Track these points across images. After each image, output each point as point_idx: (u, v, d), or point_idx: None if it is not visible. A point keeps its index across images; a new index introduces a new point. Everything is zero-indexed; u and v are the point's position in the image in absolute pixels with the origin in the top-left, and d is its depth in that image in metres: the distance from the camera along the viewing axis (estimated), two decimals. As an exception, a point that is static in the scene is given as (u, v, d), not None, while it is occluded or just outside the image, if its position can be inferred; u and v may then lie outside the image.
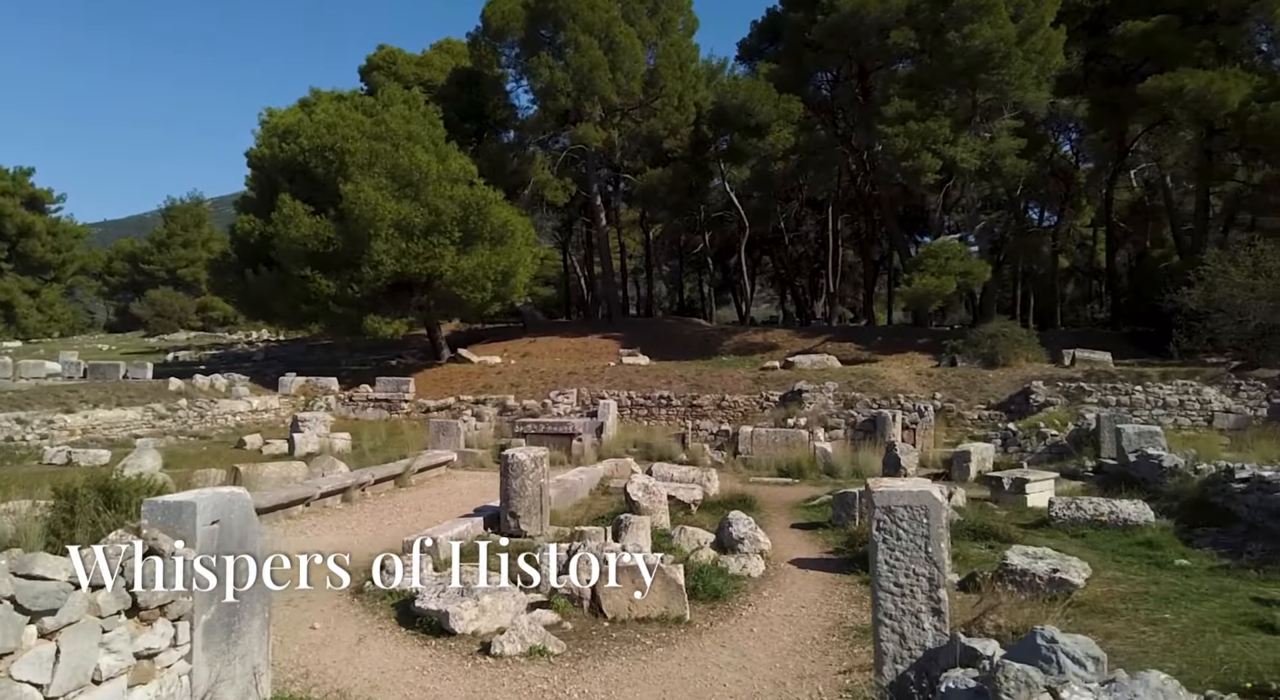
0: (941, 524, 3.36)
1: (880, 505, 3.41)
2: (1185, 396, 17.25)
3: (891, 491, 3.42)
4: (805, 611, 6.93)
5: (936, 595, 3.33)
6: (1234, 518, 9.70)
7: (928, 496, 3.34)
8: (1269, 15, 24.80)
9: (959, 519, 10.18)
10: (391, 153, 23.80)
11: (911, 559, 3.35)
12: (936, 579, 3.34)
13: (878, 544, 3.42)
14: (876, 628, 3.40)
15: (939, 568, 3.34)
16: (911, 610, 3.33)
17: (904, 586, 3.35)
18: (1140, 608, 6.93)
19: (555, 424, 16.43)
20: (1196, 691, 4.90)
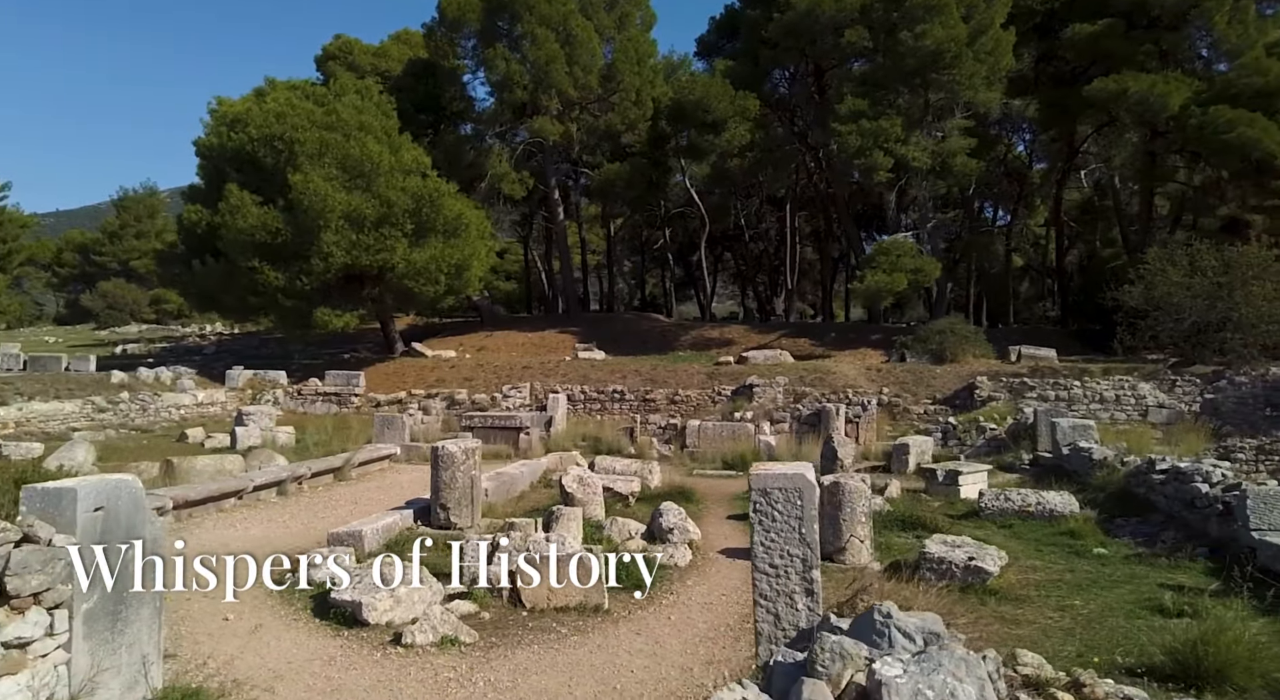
0: (815, 507, 3.40)
1: (757, 488, 3.45)
2: (1121, 392, 17.69)
3: (767, 475, 3.46)
4: (725, 599, 7.01)
5: (810, 576, 3.38)
6: (1154, 508, 9.99)
7: (801, 479, 3.39)
8: (1208, 22, 25.45)
9: (890, 509, 10.37)
10: (342, 143, 23.45)
11: (786, 541, 3.40)
12: (810, 560, 3.39)
13: (754, 527, 3.46)
14: (755, 609, 3.45)
15: (812, 549, 3.39)
16: (786, 591, 3.38)
17: (779, 568, 3.40)
18: (1052, 594, 7.11)
19: (502, 418, 16.36)
20: (1085, 667, 5.03)
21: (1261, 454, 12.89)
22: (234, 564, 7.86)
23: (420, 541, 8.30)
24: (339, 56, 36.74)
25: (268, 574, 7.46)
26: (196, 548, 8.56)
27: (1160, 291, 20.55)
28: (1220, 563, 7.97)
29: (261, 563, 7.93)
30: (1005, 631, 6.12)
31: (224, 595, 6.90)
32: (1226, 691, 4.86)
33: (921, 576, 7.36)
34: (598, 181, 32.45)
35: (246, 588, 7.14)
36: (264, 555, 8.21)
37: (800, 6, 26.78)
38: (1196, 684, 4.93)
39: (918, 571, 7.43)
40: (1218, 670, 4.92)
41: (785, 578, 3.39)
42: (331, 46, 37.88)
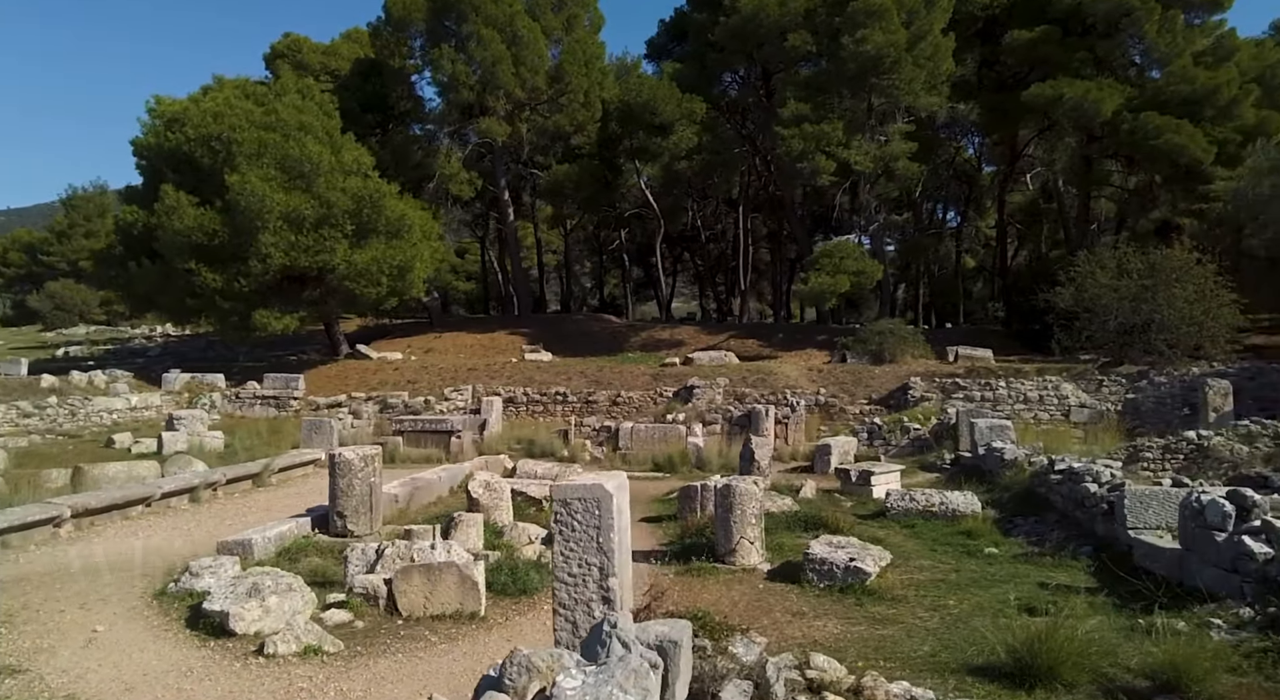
0: (613, 516, 3.48)
1: (557, 499, 3.52)
2: (1045, 392, 18.10)
3: (569, 485, 3.53)
4: (608, 604, 7.06)
5: (607, 584, 3.45)
6: (1052, 507, 10.26)
7: (599, 490, 3.46)
8: (1139, 30, 26.10)
9: (798, 510, 10.52)
10: (282, 143, 23.15)
11: (584, 549, 3.47)
12: (607, 568, 3.46)
13: (555, 536, 3.53)
14: (554, 617, 3.51)
15: (610, 558, 3.46)
16: (584, 599, 3.45)
17: (577, 576, 3.47)
18: (928, 594, 7.28)
19: (434, 421, 16.30)
20: (932, 669, 5.19)
21: (1168, 453, 13.25)
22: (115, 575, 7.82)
23: (311, 548, 8.30)
24: (287, 55, 36.26)
25: (148, 584, 7.44)
26: (86, 557, 8.48)
27: (1090, 293, 21.04)
28: (1102, 561, 8.25)
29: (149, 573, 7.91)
30: (868, 632, 6.26)
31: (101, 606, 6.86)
32: (1056, 688, 5.02)
33: (805, 577, 7.53)
34: (548, 182, 32.43)
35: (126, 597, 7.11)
36: (154, 565, 8.19)
37: (745, 10, 27.00)
38: (1030, 682, 5.10)
39: (801, 572, 7.59)
40: (1049, 668, 5.08)
41: (583, 586, 3.46)
42: (280, 45, 37.37)
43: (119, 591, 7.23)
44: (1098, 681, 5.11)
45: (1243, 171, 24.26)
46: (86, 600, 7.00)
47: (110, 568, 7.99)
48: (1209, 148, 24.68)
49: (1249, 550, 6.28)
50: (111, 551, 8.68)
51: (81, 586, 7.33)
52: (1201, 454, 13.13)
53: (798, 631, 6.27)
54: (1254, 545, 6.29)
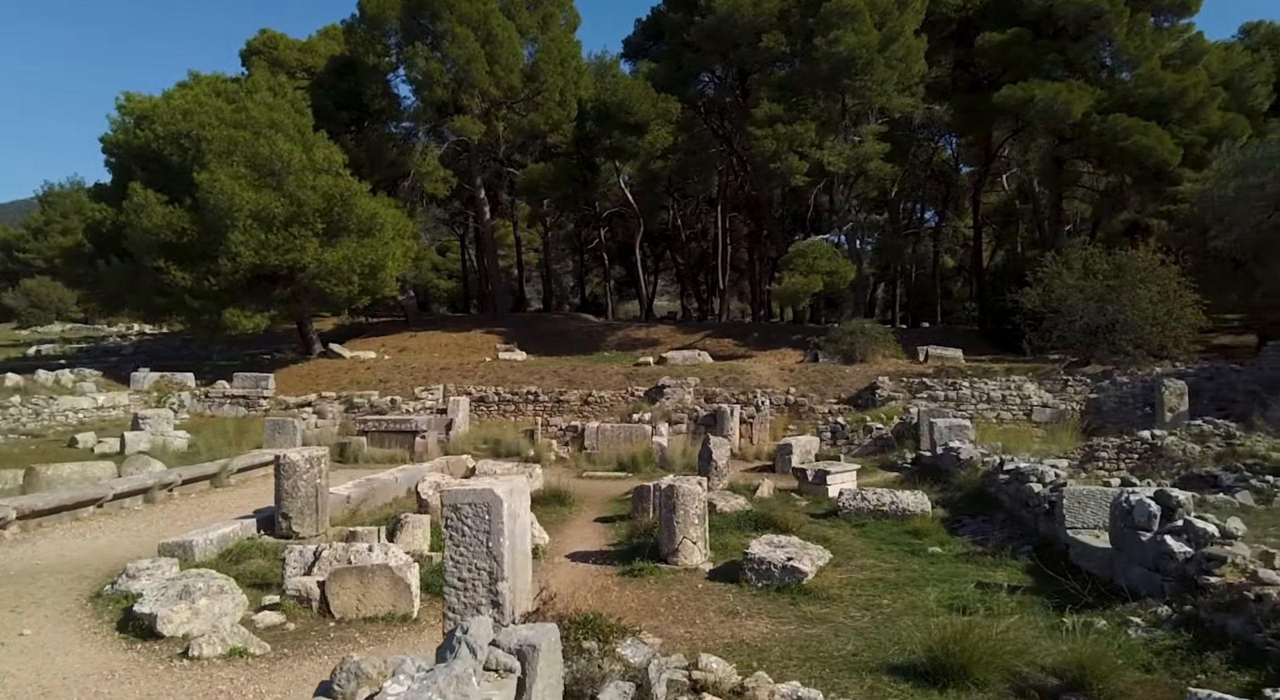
0: (503, 521, 3.51)
1: (448, 504, 3.55)
2: (1007, 392, 18.27)
3: (459, 490, 3.56)
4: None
5: (496, 588, 3.49)
6: (1000, 506, 10.37)
7: (489, 495, 3.50)
8: (1109, 32, 26.33)
9: (751, 510, 10.57)
10: (252, 141, 23.03)
11: (474, 555, 3.50)
12: (497, 573, 3.50)
13: (446, 541, 3.56)
14: (443, 622, 3.54)
15: (499, 562, 3.50)
16: (473, 603, 3.49)
17: (467, 581, 3.50)
18: (864, 594, 7.35)
19: (399, 421, 16.27)
20: (855, 668, 5.24)
21: (1123, 452, 13.40)
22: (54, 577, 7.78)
23: (255, 549, 8.29)
24: (263, 52, 35.95)
25: (86, 587, 7.42)
26: (28, 559, 8.43)
27: (1057, 294, 21.23)
28: (1041, 560, 8.36)
29: (89, 575, 7.88)
30: (797, 631, 6.32)
31: (34, 608, 6.83)
32: (969, 687, 5.10)
33: (744, 577, 7.60)
34: (524, 181, 32.42)
35: (62, 600, 7.08)
36: (95, 567, 8.16)
37: (720, 10, 27.07)
38: (944, 681, 5.18)
39: (740, 572, 7.66)
40: (962, 667, 5.16)
41: (473, 591, 3.49)
42: (256, 41, 37.05)
43: (54, 594, 7.20)
44: (1010, 680, 5.19)
45: (1209, 173, 24.51)
46: (19, 603, 6.96)
47: (50, 570, 7.95)
48: (1176, 150, 24.96)
49: (1170, 549, 6.39)
50: (54, 553, 8.63)
51: (17, 589, 7.29)
52: (1155, 453, 13.29)
53: (727, 631, 6.32)
54: (1174, 545, 6.40)
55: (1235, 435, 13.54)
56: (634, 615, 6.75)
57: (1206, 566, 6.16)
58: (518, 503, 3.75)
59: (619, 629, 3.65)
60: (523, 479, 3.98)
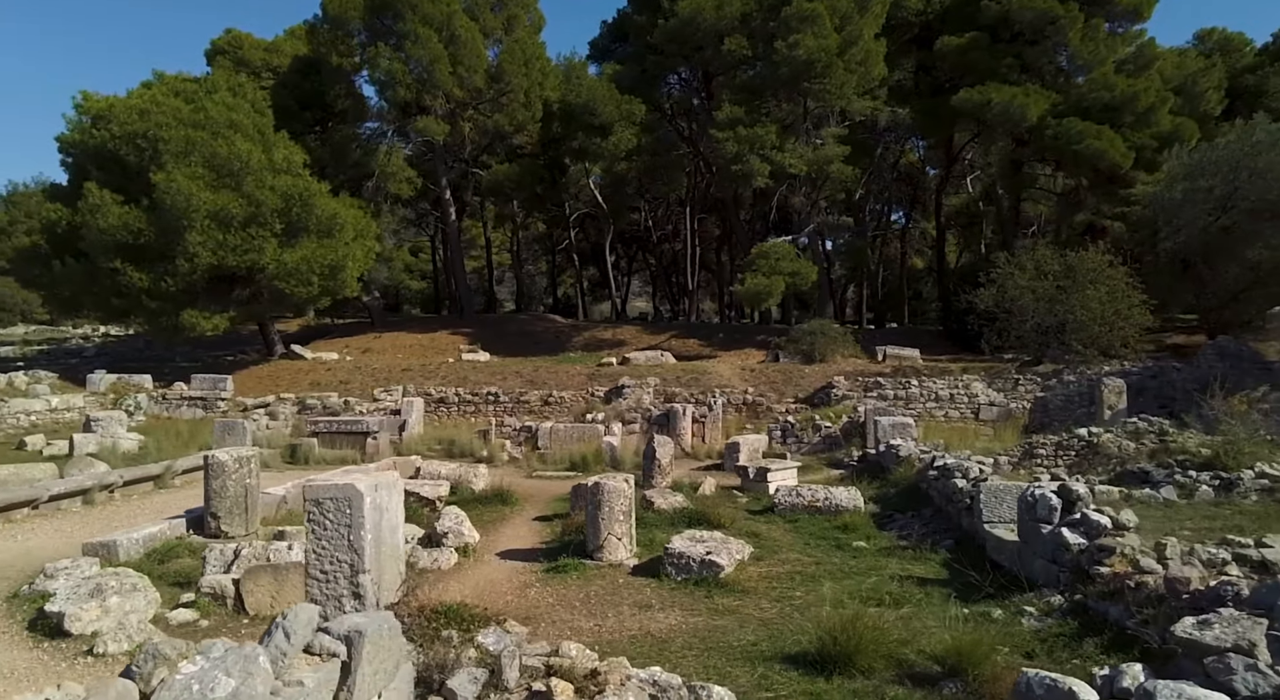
0: (364, 515, 3.61)
1: (310, 498, 3.64)
2: (955, 390, 18.57)
3: (321, 485, 3.66)
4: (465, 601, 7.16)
5: (357, 580, 3.59)
6: (930, 502, 10.58)
7: (350, 489, 3.59)
8: (1064, 37, 26.82)
9: (688, 507, 10.71)
10: (210, 141, 22.89)
11: (335, 547, 3.60)
12: (357, 565, 3.60)
13: (308, 534, 3.65)
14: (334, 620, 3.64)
15: (360, 555, 3.60)
16: (335, 595, 3.58)
17: (329, 573, 3.60)
18: (779, 587, 7.50)
19: (350, 422, 16.27)
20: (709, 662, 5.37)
21: (1060, 449, 13.69)
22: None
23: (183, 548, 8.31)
24: (228, 51, 35.73)
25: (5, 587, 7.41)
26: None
27: (1011, 294, 21.60)
28: (959, 553, 8.57)
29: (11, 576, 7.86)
30: (704, 623, 6.46)
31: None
32: (854, 674, 5.26)
33: (664, 571, 7.73)
34: (489, 181, 32.42)
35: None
36: (19, 568, 8.14)
37: (683, 13, 27.24)
38: (831, 669, 5.33)
39: (661, 567, 7.79)
40: (847, 655, 5.32)
41: (335, 583, 3.59)
42: (221, 41, 36.80)
43: (-31, 594, 7.19)
44: (896, 667, 5.36)
45: (1159, 176, 25.03)
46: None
47: (-28, 571, 7.93)
48: (1127, 153, 25.46)
49: (1066, 541, 6.60)
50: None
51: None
52: (1091, 450, 13.59)
53: (636, 624, 6.45)
54: (1070, 536, 6.60)
55: (1168, 432, 13.87)
56: (548, 610, 6.87)
57: (1098, 557, 6.38)
58: (386, 498, 3.85)
59: (482, 618, 3.77)
60: (394, 475, 4.08)
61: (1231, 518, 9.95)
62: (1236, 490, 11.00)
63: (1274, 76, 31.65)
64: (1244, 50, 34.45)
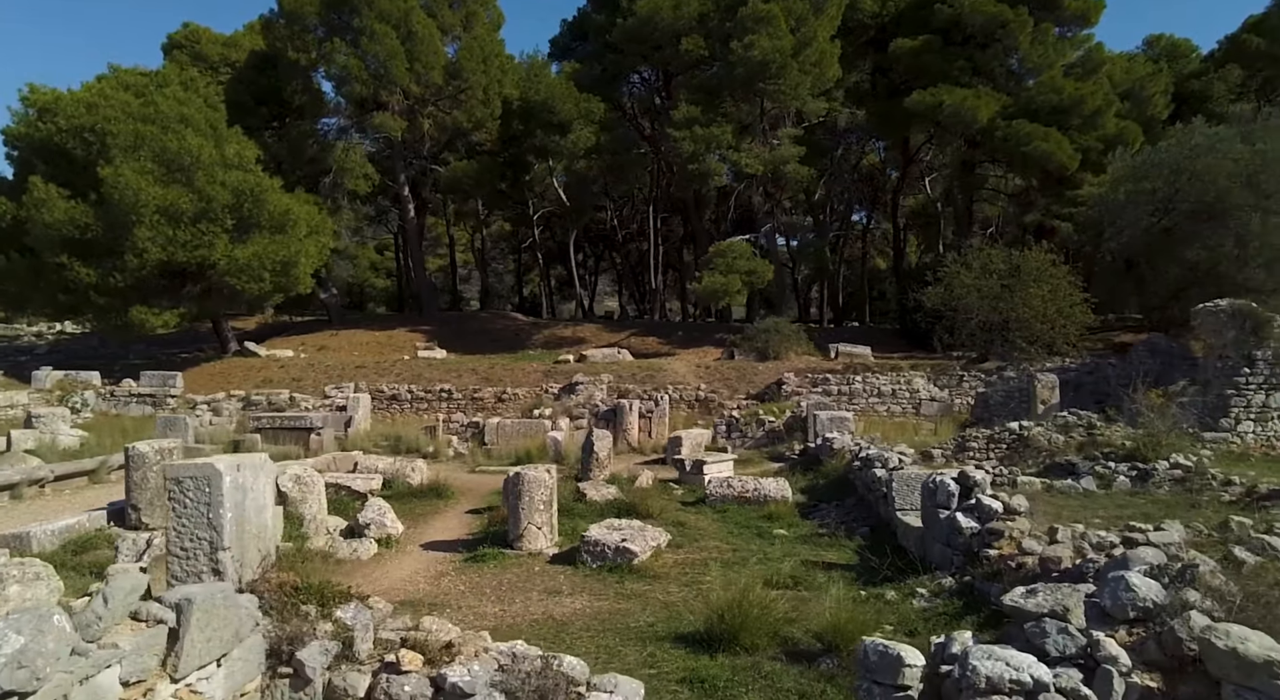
0: (223, 493, 3.70)
1: (170, 477, 3.73)
2: (898, 386, 18.92)
3: (182, 465, 3.74)
4: (377, 589, 7.20)
5: (216, 558, 3.68)
6: (855, 492, 10.82)
7: (210, 469, 3.68)
8: (1014, 41, 27.36)
9: (619, 499, 10.85)
10: (160, 136, 22.65)
11: (195, 525, 3.69)
12: (216, 543, 3.69)
13: (170, 513, 3.74)
14: (168, 590, 3.72)
15: (219, 533, 3.69)
16: (195, 571, 3.67)
17: (189, 550, 3.69)
18: (690, 572, 7.67)
19: (294, 418, 16.22)
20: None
21: (992, 443, 14.03)
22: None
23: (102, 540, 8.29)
24: (185, 45, 35.29)
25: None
26: None
27: (957, 293, 22.02)
28: (873, 540, 8.81)
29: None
30: (610, 607, 6.61)
31: None
32: (738, 652, 5.44)
33: (581, 559, 7.87)
34: (447, 178, 32.34)
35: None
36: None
37: (641, 13, 27.40)
38: (716, 647, 5.51)
39: (578, 554, 7.93)
40: (732, 633, 5.50)
41: (194, 559, 3.68)
42: (178, 35, 36.30)
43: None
44: (780, 645, 5.55)
45: (1105, 178, 25.62)
46: None
47: (-118, 564, 7.84)
48: (1074, 155, 26.04)
49: (959, 525, 6.84)
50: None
51: None
52: (1022, 444, 13.93)
53: (540, 609, 6.58)
54: (963, 521, 6.84)
55: (1096, 426, 14.26)
56: (458, 597, 6.99)
57: (987, 540, 6.62)
58: (250, 478, 3.94)
59: (344, 595, 3.87)
60: (262, 456, 4.17)
61: (1143, 506, 10.31)
62: (1152, 480, 11.39)
63: (1218, 82, 32.47)
64: (1190, 57, 35.36)
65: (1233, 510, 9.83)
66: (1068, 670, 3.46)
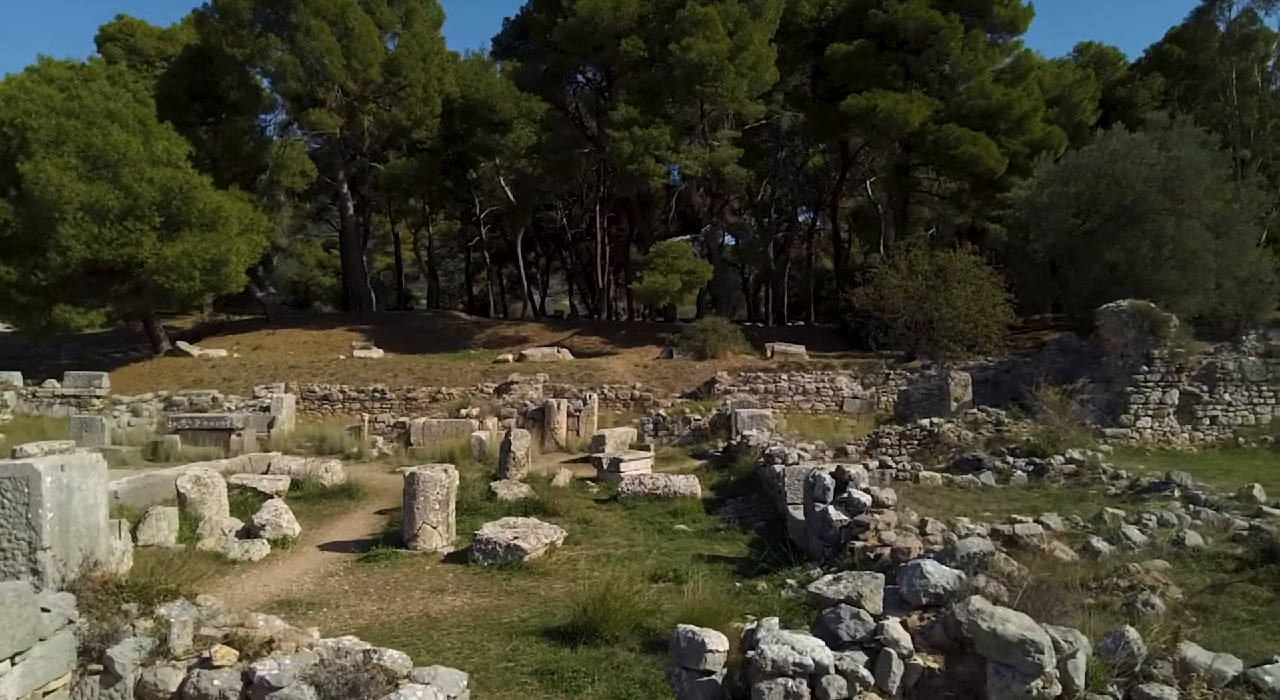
0: (42, 494, 3.75)
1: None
2: (822, 384, 19.34)
3: (2, 464, 3.78)
4: (260, 590, 7.24)
5: (35, 557, 3.73)
6: (760, 487, 11.08)
7: (29, 469, 3.73)
8: (946, 47, 28.04)
9: (530, 497, 10.96)
10: (84, 131, 22.15)
11: (14, 525, 3.73)
12: (35, 543, 3.74)
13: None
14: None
15: (39, 533, 3.73)
16: (13, 571, 3.71)
17: (7, 550, 3.73)
18: (579, 568, 7.81)
19: (214, 419, 16.02)
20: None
21: (904, 439, 14.44)
22: None
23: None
24: (119, 38, 34.42)
25: None
26: None
27: (885, 293, 22.52)
28: (768, 533, 9.05)
29: None
30: (490, 603, 6.73)
31: None
32: (598, 642, 5.60)
33: (473, 557, 7.97)
34: (385, 176, 32.09)
35: None
36: None
37: (581, 13, 27.49)
38: (579, 639, 5.67)
39: (470, 553, 8.03)
40: (593, 626, 5.66)
41: (13, 559, 3.72)
42: (111, 27, 35.40)
43: None
44: (640, 636, 5.72)
45: (1032, 182, 26.39)
46: None
47: None
48: (1001, 159, 26.78)
49: (830, 519, 7.09)
50: None
51: None
52: (933, 439, 14.37)
53: (419, 606, 6.67)
54: (835, 514, 7.10)
55: (1004, 422, 14.77)
56: (340, 596, 7.04)
57: (855, 532, 6.89)
58: (77, 478, 3.98)
59: (170, 593, 3.94)
60: (94, 457, 4.22)
61: (1034, 500, 10.75)
62: (1047, 475, 11.87)
63: (1142, 90, 33.63)
64: (1118, 64, 36.54)
65: (1115, 503, 10.32)
66: (854, 653, 3.67)
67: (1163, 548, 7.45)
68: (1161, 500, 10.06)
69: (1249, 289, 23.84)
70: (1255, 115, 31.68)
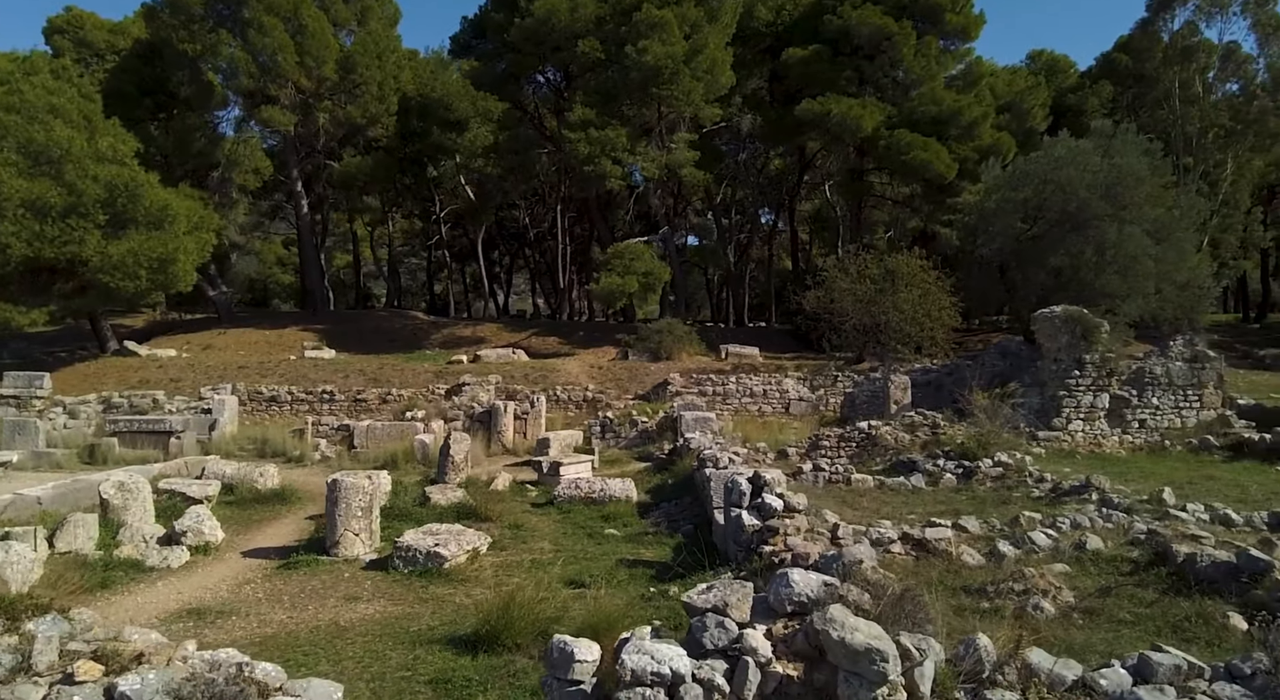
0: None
1: None
2: (769, 386, 19.55)
3: None
4: (173, 599, 7.19)
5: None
6: (694, 490, 11.21)
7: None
8: (898, 53, 28.44)
9: (463, 502, 10.98)
10: (25, 126, 21.66)
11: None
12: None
13: None
14: None
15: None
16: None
17: None
18: (501, 574, 7.87)
19: (153, 422, 15.80)
20: None
21: (843, 441, 14.67)
22: None
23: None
24: (68, 31, 33.70)
25: None
26: None
27: (835, 296, 22.79)
28: (698, 537, 9.16)
29: None
30: (403, 611, 6.77)
31: None
32: (499, 650, 5.67)
33: (393, 564, 7.99)
34: (339, 174, 31.79)
35: None
36: None
37: (538, 13, 27.42)
38: (480, 646, 5.73)
39: (390, 561, 8.05)
40: (495, 634, 5.73)
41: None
42: (60, 19, 34.62)
43: None
44: (542, 643, 5.78)
45: (980, 187, 26.88)
46: None
47: None
48: (951, 164, 27.22)
49: (744, 523, 7.22)
50: None
51: None
52: (871, 442, 14.61)
53: (328, 615, 6.69)
54: (747, 519, 7.24)
55: (940, 425, 15.07)
56: (253, 604, 7.03)
57: (765, 536, 7.02)
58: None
59: (41, 607, 3.93)
60: None
61: (959, 502, 11.00)
62: (975, 477, 12.14)
63: (1092, 97, 34.39)
64: (1069, 72, 37.34)
65: (1037, 505, 10.62)
66: (714, 662, 3.78)
67: (1065, 551, 7.70)
68: (1079, 503, 10.37)
69: (1187, 294, 24.49)
70: (1196, 124, 32.56)
